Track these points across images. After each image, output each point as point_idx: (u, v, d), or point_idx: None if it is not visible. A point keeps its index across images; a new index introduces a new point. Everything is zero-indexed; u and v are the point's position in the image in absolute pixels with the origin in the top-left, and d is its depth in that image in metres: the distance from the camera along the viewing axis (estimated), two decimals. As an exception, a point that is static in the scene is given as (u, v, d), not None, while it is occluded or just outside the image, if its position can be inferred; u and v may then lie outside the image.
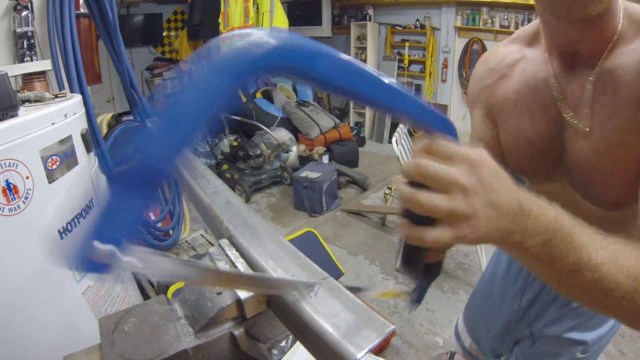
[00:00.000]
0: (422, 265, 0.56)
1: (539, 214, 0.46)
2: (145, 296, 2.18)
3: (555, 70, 0.75)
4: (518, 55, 0.84)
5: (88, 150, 1.36)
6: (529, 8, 4.38)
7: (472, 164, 0.42)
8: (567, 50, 0.71)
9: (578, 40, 0.68)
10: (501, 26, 4.66)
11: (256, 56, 0.30)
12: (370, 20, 5.90)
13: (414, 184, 0.43)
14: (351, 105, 6.44)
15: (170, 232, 2.53)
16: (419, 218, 0.44)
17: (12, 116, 1.03)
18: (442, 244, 0.43)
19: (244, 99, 4.91)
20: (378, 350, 2.03)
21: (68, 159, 1.20)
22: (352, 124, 6.13)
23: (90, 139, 1.40)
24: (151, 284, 2.38)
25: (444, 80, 5.51)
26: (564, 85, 0.74)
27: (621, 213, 0.74)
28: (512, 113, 0.83)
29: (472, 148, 0.44)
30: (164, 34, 5.61)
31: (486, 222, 0.42)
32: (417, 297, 0.63)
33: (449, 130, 0.49)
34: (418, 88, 5.82)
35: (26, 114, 1.07)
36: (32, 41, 1.70)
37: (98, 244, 0.29)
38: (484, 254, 2.60)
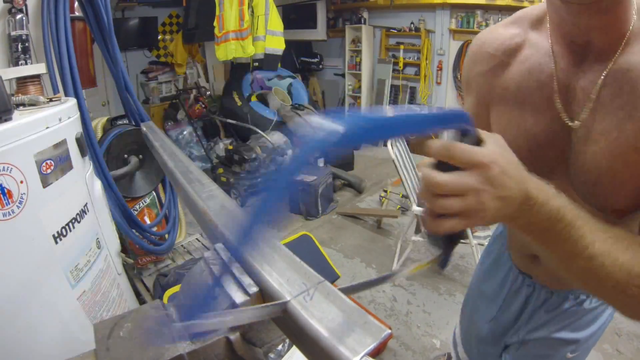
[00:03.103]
0: (445, 236, 0.63)
1: (543, 204, 0.52)
2: (141, 301, 2.17)
3: (561, 64, 0.70)
4: (519, 40, 0.78)
5: (83, 155, 1.36)
6: (523, 11, 4.40)
7: (484, 167, 0.49)
8: (578, 40, 0.66)
9: (589, 28, 0.63)
10: (495, 29, 4.69)
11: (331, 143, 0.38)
12: (365, 23, 5.92)
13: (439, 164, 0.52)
14: (346, 107, 6.45)
15: (166, 236, 2.52)
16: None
17: (6, 120, 1.03)
18: (457, 230, 0.52)
19: (239, 103, 4.91)
20: (375, 353, 2.03)
21: (63, 163, 1.20)
22: (347, 127, 6.13)
23: (85, 143, 1.39)
24: (147, 288, 2.37)
25: (438, 83, 5.53)
26: (572, 81, 0.69)
27: (625, 219, 0.71)
28: (514, 105, 0.78)
29: (485, 147, 0.51)
30: (159, 37, 5.60)
31: (493, 212, 0.50)
32: (444, 262, 0.69)
33: (464, 121, 0.55)
34: (413, 91, 5.85)
35: (20, 118, 1.07)
36: (26, 44, 1.69)
37: None
38: (480, 256, 2.60)
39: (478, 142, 0.54)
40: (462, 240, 0.74)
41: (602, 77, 0.65)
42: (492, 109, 0.83)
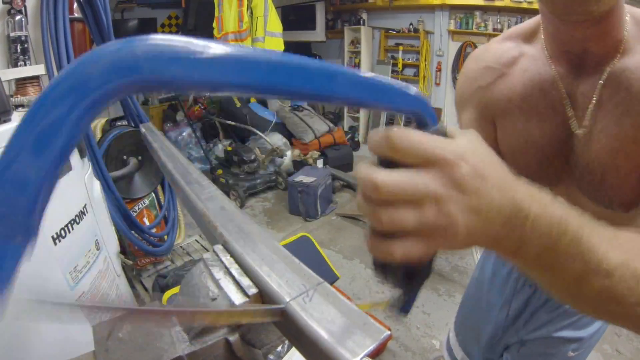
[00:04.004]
0: (401, 270, 0.43)
1: (539, 215, 0.38)
2: (140, 302, 2.17)
3: (560, 72, 0.72)
4: (515, 53, 0.79)
5: (82, 156, 1.36)
6: (522, 11, 4.42)
7: (448, 164, 0.34)
8: (575, 50, 0.68)
9: (585, 39, 0.65)
10: (494, 29, 4.70)
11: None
12: (364, 24, 5.93)
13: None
14: (345, 109, 6.45)
15: (165, 237, 2.52)
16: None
17: (5, 121, 1.03)
18: (416, 258, 0.35)
19: (238, 104, 4.91)
20: (374, 354, 2.02)
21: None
22: (346, 128, 6.14)
23: (84, 144, 1.39)
24: (146, 289, 2.37)
25: (437, 84, 5.54)
26: (572, 87, 0.71)
27: (632, 213, 0.72)
28: (519, 116, 0.77)
29: (453, 140, 0.36)
30: (158, 38, 5.60)
31: (468, 230, 0.35)
32: (404, 306, 0.47)
33: (419, 106, 0.39)
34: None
35: (19, 119, 1.07)
36: (25, 45, 1.69)
37: None
38: (477, 261, 2.60)
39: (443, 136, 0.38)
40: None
41: (601, 82, 0.67)
42: (498, 123, 0.83)
